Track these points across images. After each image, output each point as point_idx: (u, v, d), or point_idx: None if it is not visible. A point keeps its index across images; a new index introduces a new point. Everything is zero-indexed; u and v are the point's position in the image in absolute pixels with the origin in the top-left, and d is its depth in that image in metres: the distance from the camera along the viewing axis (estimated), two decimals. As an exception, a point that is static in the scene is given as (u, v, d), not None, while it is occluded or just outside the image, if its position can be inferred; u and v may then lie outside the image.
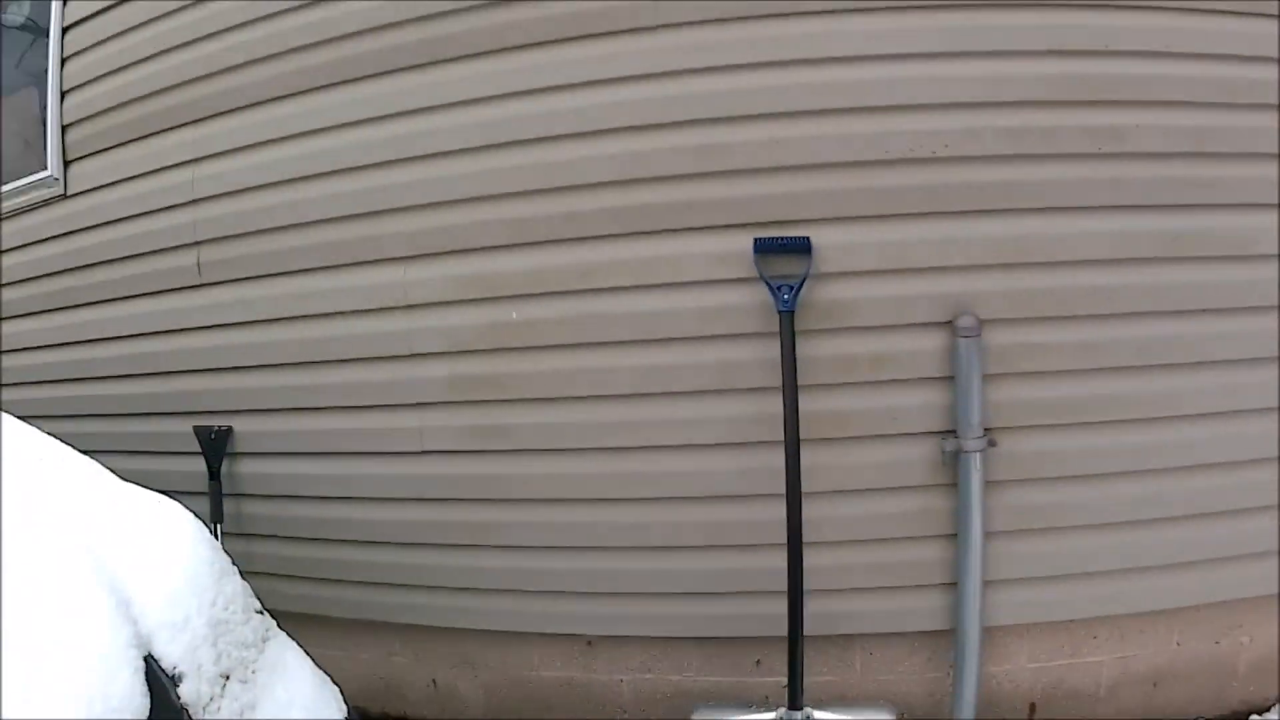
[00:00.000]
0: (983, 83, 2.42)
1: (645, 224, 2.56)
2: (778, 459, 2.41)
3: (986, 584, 2.46)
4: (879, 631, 2.60)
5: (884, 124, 2.43)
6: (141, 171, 3.26)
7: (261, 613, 1.87)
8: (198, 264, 3.14)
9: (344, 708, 1.95)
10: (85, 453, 3.31)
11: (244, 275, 3.06)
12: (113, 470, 3.28)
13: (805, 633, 2.42)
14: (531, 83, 2.62)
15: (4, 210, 3.70)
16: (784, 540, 2.41)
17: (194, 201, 3.13)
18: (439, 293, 2.77)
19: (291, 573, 3.14)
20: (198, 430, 3.17)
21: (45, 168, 3.54)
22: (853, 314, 2.49)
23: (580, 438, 2.69)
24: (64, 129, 3.49)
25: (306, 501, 3.07)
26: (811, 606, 2.42)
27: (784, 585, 2.41)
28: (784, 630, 2.44)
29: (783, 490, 2.41)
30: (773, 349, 2.44)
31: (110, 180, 3.35)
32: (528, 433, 2.73)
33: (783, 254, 2.44)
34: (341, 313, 2.90)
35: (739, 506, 2.58)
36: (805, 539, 2.40)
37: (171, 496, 3.17)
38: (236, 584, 1.81)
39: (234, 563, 1.87)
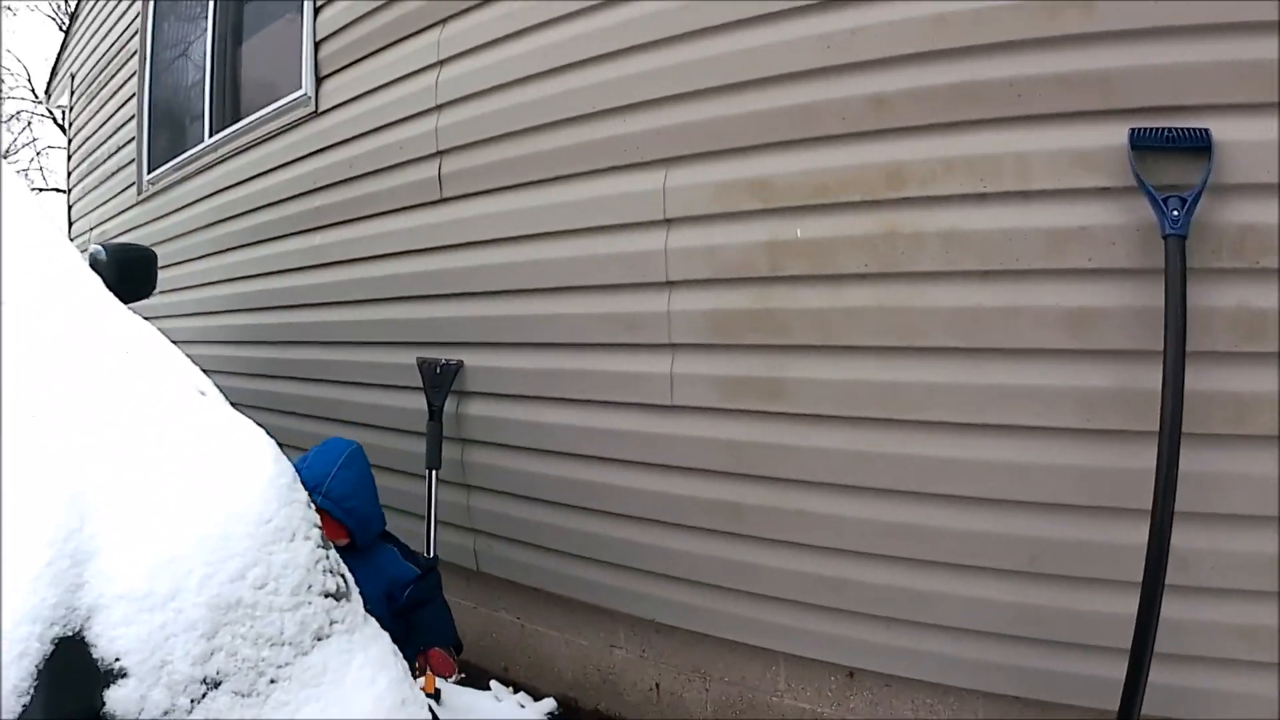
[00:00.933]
0: None
1: (974, 110, 1.92)
2: (1141, 459, 1.75)
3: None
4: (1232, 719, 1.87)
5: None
6: (387, 81, 3.06)
7: (337, 597, 1.37)
8: (439, 176, 2.85)
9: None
10: (304, 380, 3.27)
11: (484, 188, 2.75)
12: (348, 403, 3.16)
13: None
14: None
15: (266, 132, 3.68)
16: (1133, 577, 1.75)
17: (437, 108, 2.87)
18: (702, 203, 2.26)
19: (511, 535, 2.81)
20: (421, 363, 2.84)
21: (300, 87, 3.45)
22: (1266, 247, 1.72)
23: (871, 403, 2.07)
24: (317, 45, 3.39)
25: (534, 455, 2.68)
26: (1152, 674, 1.76)
27: (1117, 639, 1.78)
28: (1106, 703, 1.80)
29: (1143, 505, 1.74)
30: (1147, 294, 1.76)
31: (358, 93, 3.19)
32: (803, 390, 2.15)
33: (1170, 153, 1.77)
34: (588, 229, 2.49)
35: (1074, 521, 1.90)
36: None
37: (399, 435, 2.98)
38: (300, 553, 1.34)
39: (316, 526, 1.41)
